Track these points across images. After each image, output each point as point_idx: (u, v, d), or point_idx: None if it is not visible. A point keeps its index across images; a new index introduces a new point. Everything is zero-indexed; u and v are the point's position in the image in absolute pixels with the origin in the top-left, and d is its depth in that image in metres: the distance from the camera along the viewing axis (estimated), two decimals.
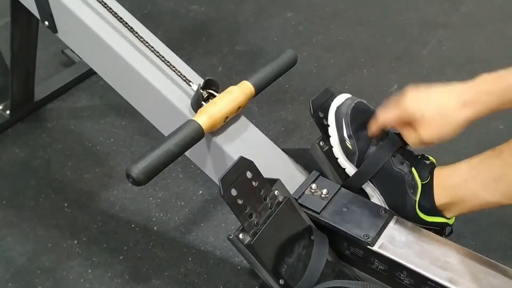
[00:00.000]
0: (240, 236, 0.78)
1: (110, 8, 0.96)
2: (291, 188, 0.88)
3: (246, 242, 0.78)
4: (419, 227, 0.87)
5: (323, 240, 0.85)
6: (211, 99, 0.89)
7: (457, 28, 1.87)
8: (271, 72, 0.95)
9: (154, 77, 0.93)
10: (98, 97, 1.60)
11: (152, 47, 0.94)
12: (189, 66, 0.98)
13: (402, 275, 0.81)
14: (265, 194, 0.81)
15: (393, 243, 0.83)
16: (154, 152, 0.77)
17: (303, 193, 0.89)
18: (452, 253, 0.83)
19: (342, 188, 0.90)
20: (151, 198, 1.31)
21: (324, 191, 0.89)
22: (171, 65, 0.93)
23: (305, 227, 0.85)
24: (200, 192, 1.33)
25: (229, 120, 0.91)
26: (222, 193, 0.75)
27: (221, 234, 1.23)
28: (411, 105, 0.81)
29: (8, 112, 1.46)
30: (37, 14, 1.05)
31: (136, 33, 0.95)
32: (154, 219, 1.26)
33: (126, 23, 0.96)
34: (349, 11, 1.98)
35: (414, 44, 1.82)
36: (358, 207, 0.88)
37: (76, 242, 1.21)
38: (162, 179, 1.35)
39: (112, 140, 1.46)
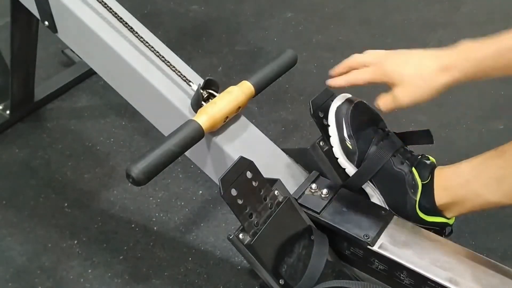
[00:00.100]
0: (240, 236, 0.78)
1: (110, 8, 0.96)
2: (291, 188, 0.88)
3: (246, 242, 0.78)
4: (419, 227, 0.87)
5: (323, 240, 0.85)
6: (211, 99, 0.89)
7: (457, 28, 1.87)
8: (271, 72, 0.95)
9: (154, 77, 0.93)
10: (98, 97, 1.60)
11: (152, 47, 0.94)
12: (189, 66, 0.98)
13: (402, 275, 0.81)
14: (265, 194, 0.81)
15: (393, 243, 0.83)
16: (154, 152, 0.77)
17: (303, 193, 0.89)
18: (452, 253, 0.83)
19: (342, 188, 0.90)
20: (151, 198, 1.31)
21: (324, 191, 0.89)
22: (171, 65, 0.93)
23: (305, 227, 0.85)
24: (200, 192, 1.33)
25: (229, 120, 0.91)
26: (222, 193, 0.75)
27: (221, 234, 1.23)
28: (390, 66, 0.82)
29: (8, 112, 1.46)
30: (37, 14, 1.05)
31: (136, 33, 0.95)
32: (154, 219, 1.26)
33: (126, 23, 0.96)
34: (349, 11, 1.98)
35: (414, 44, 1.79)
36: (358, 207, 0.88)
37: (76, 242, 1.21)
38: (162, 179, 1.34)
39: (112, 140, 1.46)
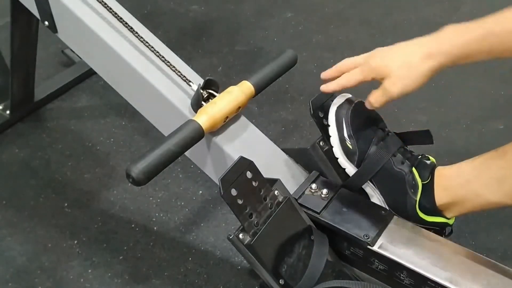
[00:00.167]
0: (240, 236, 0.78)
1: (110, 8, 0.96)
2: (291, 188, 0.88)
3: (246, 242, 0.78)
4: (419, 227, 0.87)
5: (323, 240, 0.85)
6: (211, 99, 0.89)
7: None
8: (271, 72, 0.95)
9: (154, 77, 0.93)
10: (98, 97, 1.60)
11: (152, 47, 0.94)
12: (189, 66, 0.98)
13: (402, 275, 0.81)
14: (265, 194, 0.81)
15: (393, 243, 0.83)
16: (154, 152, 0.77)
17: (303, 193, 0.89)
18: (452, 253, 0.83)
19: (342, 188, 0.90)
20: (151, 198, 1.31)
21: (324, 191, 0.89)
22: (171, 65, 0.93)
23: (305, 227, 0.85)
24: (200, 192, 1.33)
25: (229, 120, 0.91)
26: (222, 193, 0.75)
27: (221, 234, 1.23)
28: (376, 62, 0.83)
29: (8, 112, 1.46)
30: (37, 14, 1.05)
31: (136, 33, 0.95)
32: (154, 219, 1.26)
33: (126, 23, 0.96)
34: (349, 11, 1.98)
35: None
36: (358, 207, 0.88)
37: (76, 242, 1.21)
38: (162, 179, 1.34)
39: (112, 140, 1.46)
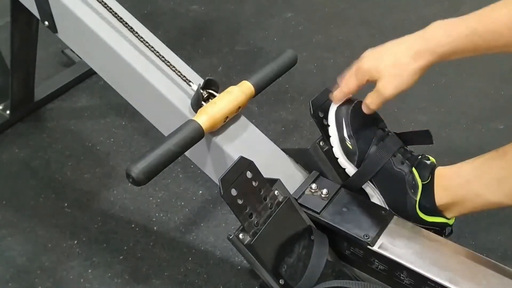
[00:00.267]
0: (240, 236, 0.78)
1: (110, 8, 0.96)
2: (291, 188, 0.88)
3: (246, 242, 0.78)
4: (419, 227, 0.87)
5: (323, 240, 0.85)
6: (211, 99, 0.89)
7: None
8: (271, 72, 0.95)
9: (154, 77, 0.93)
10: (98, 97, 1.60)
11: (152, 47, 0.94)
12: (189, 66, 0.98)
13: (402, 275, 0.81)
14: (265, 194, 0.81)
15: (393, 243, 0.83)
16: (154, 152, 0.77)
17: (303, 193, 0.89)
18: (452, 253, 0.83)
19: (342, 188, 0.90)
20: (151, 198, 1.31)
21: (324, 191, 0.89)
22: (171, 65, 0.93)
23: (305, 227, 0.85)
24: (200, 192, 1.33)
25: (229, 120, 0.91)
26: (222, 193, 0.75)
27: (221, 234, 1.23)
28: (366, 64, 0.83)
29: (8, 112, 1.46)
30: (37, 14, 1.05)
31: (136, 33, 0.95)
32: (154, 219, 1.26)
33: (126, 23, 0.96)
34: (349, 11, 1.98)
35: None
36: (358, 207, 0.88)
37: (76, 242, 1.21)
38: (162, 179, 1.34)
39: (112, 140, 1.46)
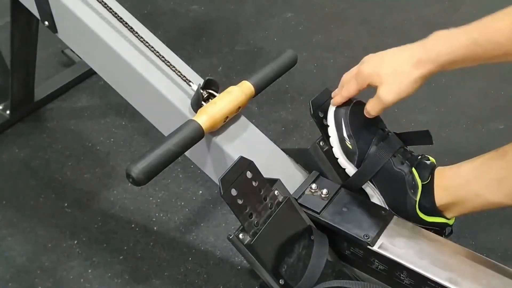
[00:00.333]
0: (240, 236, 0.78)
1: (110, 8, 0.96)
2: (291, 188, 0.88)
3: (246, 242, 0.78)
4: (419, 227, 0.87)
5: (323, 240, 0.85)
6: (211, 99, 0.89)
7: None
8: (271, 72, 0.95)
9: (154, 77, 0.93)
10: (98, 97, 1.60)
11: (152, 47, 0.94)
12: (189, 66, 0.98)
13: (402, 275, 0.81)
14: (265, 194, 0.81)
15: (393, 243, 0.83)
16: (154, 152, 0.77)
17: (303, 193, 0.89)
18: (452, 253, 0.83)
19: (342, 188, 0.90)
20: (151, 198, 1.31)
21: (324, 191, 0.89)
22: (171, 65, 0.93)
23: (305, 227, 0.85)
24: (200, 192, 1.33)
25: (229, 120, 0.91)
26: (222, 193, 0.75)
27: (221, 234, 1.23)
28: (367, 70, 0.83)
29: (8, 112, 1.46)
30: (37, 14, 1.05)
31: (136, 33, 0.95)
32: (154, 219, 1.26)
33: (126, 23, 0.96)
34: (349, 11, 1.98)
35: None
36: (358, 207, 0.88)
37: (76, 242, 1.21)
38: (162, 179, 1.34)
39: (112, 140, 1.46)
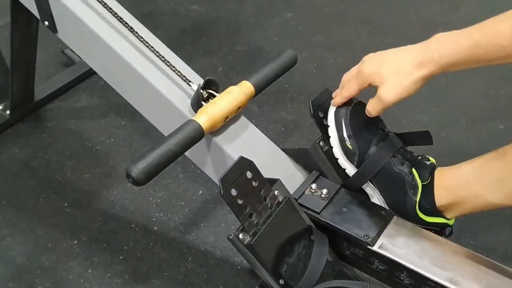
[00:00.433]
0: (240, 236, 0.78)
1: (110, 8, 0.96)
2: (291, 188, 0.88)
3: (246, 242, 0.78)
4: (419, 227, 0.87)
5: (323, 240, 0.85)
6: (211, 99, 0.89)
7: (457, 28, 1.86)
8: (271, 72, 0.95)
9: (154, 77, 0.93)
10: (98, 97, 1.60)
11: (152, 47, 0.94)
12: (189, 66, 0.98)
13: (402, 275, 0.81)
14: (265, 194, 0.81)
15: (393, 243, 0.83)
16: (154, 152, 0.77)
17: (303, 193, 0.89)
18: (452, 253, 0.83)
19: (342, 188, 0.90)
20: (151, 198, 1.31)
21: (324, 191, 0.89)
22: (171, 65, 0.93)
23: (305, 227, 0.85)
24: (200, 192, 1.33)
25: (229, 120, 0.91)
26: (222, 193, 0.75)
27: (221, 234, 1.23)
28: (368, 70, 0.83)
29: (8, 112, 1.46)
30: (37, 14, 1.05)
31: (136, 33, 0.95)
32: (154, 219, 1.26)
33: (126, 23, 0.96)
34: (349, 11, 1.98)
35: None
36: (358, 207, 0.88)
37: (76, 242, 1.21)
38: (162, 179, 1.34)
39: (112, 140, 1.46)
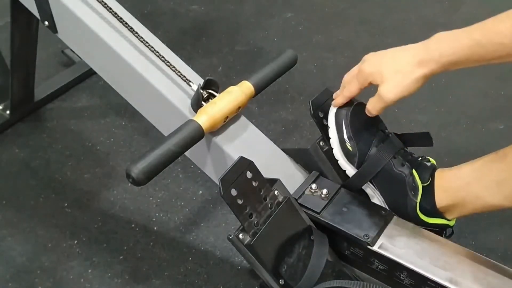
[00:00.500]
0: (240, 236, 0.78)
1: (110, 8, 0.96)
2: (291, 188, 0.88)
3: (246, 242, 0.78)
4: (419, 227, 0.87)
5: (323, 240, 0.85)
6: (211, 99, 0.89)
7: (457, 28, 1.86)
8: (271, 72, 0.95)
9: (154, 77, 0.93)
10: (98, 97, 1.60)
11: (152, 47, 0.94)
12: (189, 66, 0.98)
13: (402, 275, 0.81)
14: (265, 194, 0.81)
15: (393, 243, 0.83)
16: (154, 152, 0.77)
17: (303, 193, 0.89)
18: (452, 253, 0.83)
19: (342, 188, 0.90)
20: (151, 198, 1.31)
21: (324, 191, 0.89)
22: (171, 65, 0.93)
23: (305, 227, 0.85)
24: (200, 192, 1.33)
25: (229, 120, 0.91)
26: (222, 193, 0.75)
27: (221, 234, 1.23)
28: (368, 69, 0.83)
29: (8, 112, 1.46)
30: (37, 14, 1.05)
31: (136, 33, 0.95)
32: (154, 219, 1.26)
33: (126, 23, 0.96)
34: (349, 11, 1.98)
35: None
36: (358, 207, 0.88)
37: (76, 242, 1.21)
38: (162, 179, 1.34)
39: (112, 140, 1.46)
